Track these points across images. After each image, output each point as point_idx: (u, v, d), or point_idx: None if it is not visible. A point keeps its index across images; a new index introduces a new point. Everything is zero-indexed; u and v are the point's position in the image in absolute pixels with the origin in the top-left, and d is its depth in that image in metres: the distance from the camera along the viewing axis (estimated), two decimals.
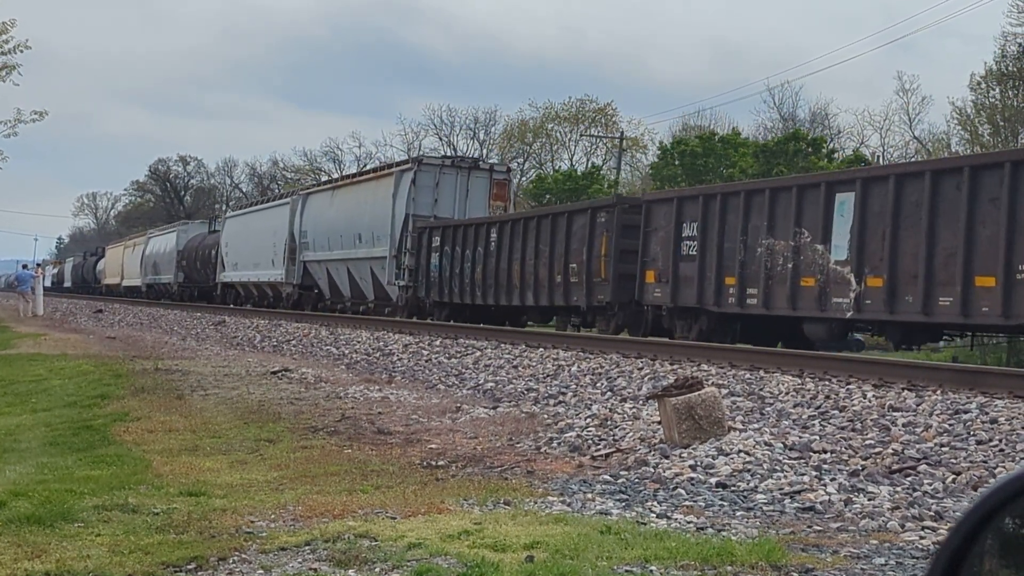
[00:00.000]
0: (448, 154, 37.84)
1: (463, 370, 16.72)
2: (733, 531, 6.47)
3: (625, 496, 7.53)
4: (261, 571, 5.69)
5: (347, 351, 21.62)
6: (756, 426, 9.73)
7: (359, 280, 34.91)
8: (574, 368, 15.36)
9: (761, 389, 12.08)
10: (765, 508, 7.15)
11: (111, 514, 6.94)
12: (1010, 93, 46.36)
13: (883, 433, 9.29)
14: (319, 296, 39.46)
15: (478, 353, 18.38)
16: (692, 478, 7.98)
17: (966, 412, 9.72)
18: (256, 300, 46.58)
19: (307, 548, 6.07)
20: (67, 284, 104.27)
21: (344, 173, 71.92)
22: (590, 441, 9.87)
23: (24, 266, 56.19)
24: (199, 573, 5.74)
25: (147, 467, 8.84)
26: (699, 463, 8.36)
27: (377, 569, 5.66)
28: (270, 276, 42.73)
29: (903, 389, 11.22)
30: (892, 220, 16.10)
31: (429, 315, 30.65)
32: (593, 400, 12.48)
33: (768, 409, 10.90)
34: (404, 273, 31.57)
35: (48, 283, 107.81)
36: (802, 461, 8.37)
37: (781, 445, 8.83)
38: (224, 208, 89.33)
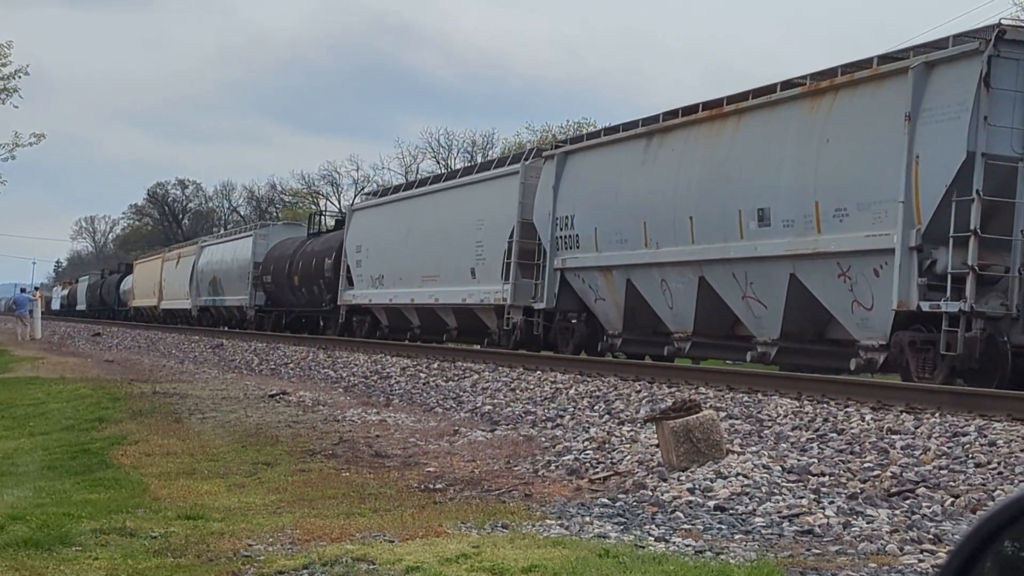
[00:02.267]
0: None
1: (461, 393, 16.70)
2: (731, 554, 6.46)
3: (623, 519, 7.51)
4: None
5: (345, 374, 21.60)
6: (754, 449, 9.72)
7: (749, 301, 18.00)
8: (572, 391, 15.34)
9: (759, 412, 12.07)
10: (763, 531, 7.13)
11: (109, 538, 6.92)
12: None
13: (881, 456, 9.28)
14: (589, 328, 22.78)
15: (476, 376, 18.37)
16: (690, 501, 7.97)
17: (965, 435, 9.71)
18: (419, 332, 30.76)
19: (305, 572, 6.06)
20: (81, 307, 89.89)
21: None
22: (588, 464, 9.86)
23: (22, 289, 56.19)
24: None
25: (145, 490, 8.83)
26: (697, 486, 8.35)
27: None
28: (468, 295, 26.17)
29: (901, 412, 11.21)
30: None
31: None
32: (591, 423, 12.47)
33: (766, 432, 10.88)
34: (968, 287, 13.99)
35: (57, 306, 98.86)
36: (800, 484, 8.36)
37: (779, 468, 8.82)
38: (220, 229, 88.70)
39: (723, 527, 7.25)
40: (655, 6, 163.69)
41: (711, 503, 7.88)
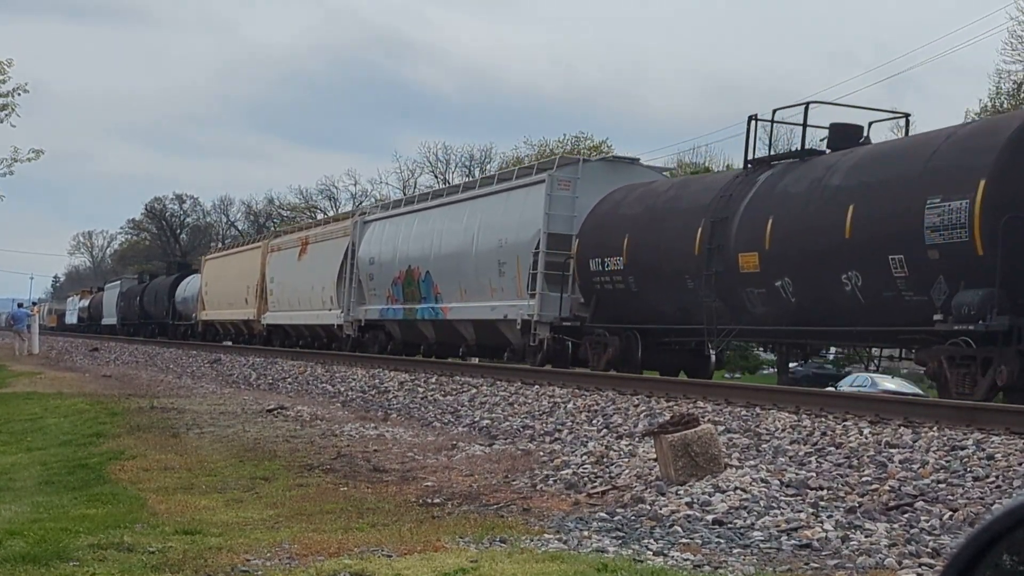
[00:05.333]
0: None
1: (459, 407, 16.69)
2: (730, 568, 6.45)
3: (621, 533, 7.50)
4: None
5: (342, 389, 21.58)
6: (752, 463, 9.71)
7: None
8: (570, 405, 15.34)
9: (757, 426, 12.07)
10: (762, 545, 7.13)
11: (107, 553, 6.91)
12: None
13: (880, 470, 9.28)
14: None
15: (474, 390, 18.36)
16: (688, 515, 7.96)
17: (963, 448, 9.71)
18: None
19: None
20: (109, 320, 70.86)
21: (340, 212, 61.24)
22: (586, 478, 9.85)
23: (20, 305, 56.19)
24: None
25: (142, 505, 8.82)
26: (695, 500, 8.35)
27: None
28: None
29: (899, 425, 11.21)
30: None
31: None
32: (589, 437, 12.46)
33: (764, 446, 10.88)
34: None
35: (73, 320, 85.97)
36: (799, 498, 8.36)
37: (778, 482, 8.81)
38: (218, 244, 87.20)
39: (721, 541, 7.24)
40: (652, 20, 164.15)
41: (709, 517, 7.88)
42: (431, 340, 28.99)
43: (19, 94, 33.41)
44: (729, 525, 7.68)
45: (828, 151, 18.38)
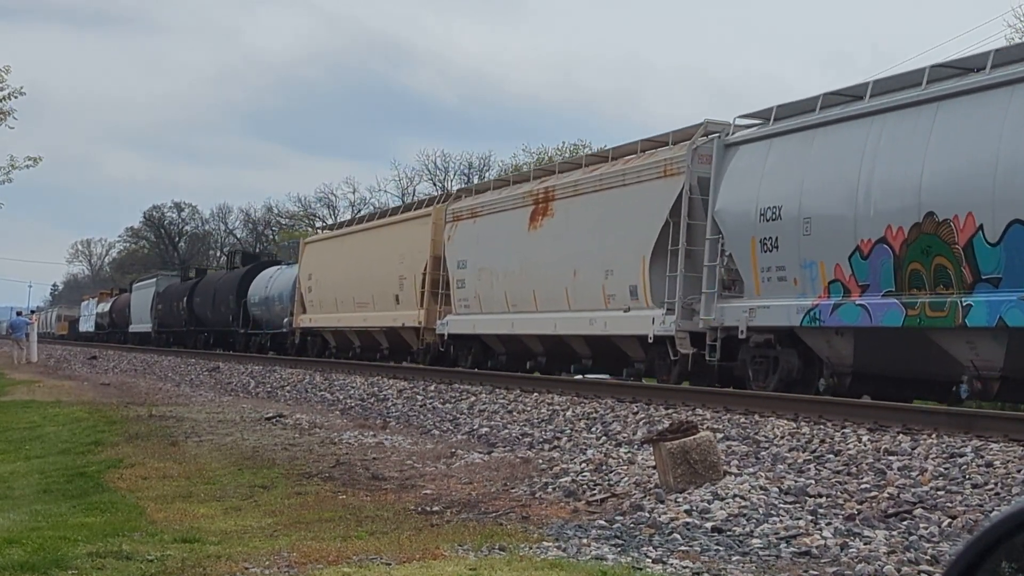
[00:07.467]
0: None
1: (458, 415, 16.68)
2: None
3: (620, 541, 7.50)
4: None
5: (341, 396, 21.58)
6: (751, 470, 9.71)
7: None
8: (569, 413, 15.33)
9: (756, 433, 12.07)
10: (761, 553, 7.12)
11: (105, 561, 6.91)
12: None
13: (878, 477, 9.28)
14: None
15: (473, 398, 18.36)
16: (687, 523, 7.95)
17: (961, 456, 9.72)
18: None
19: None
20: (141, 327, 58.75)
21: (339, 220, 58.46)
22: (585, 486, 9.85)
23: (19, 313, 56.17)
24: None
25: (141, 514, 8.81)
26: (694, 508, 8.34)
27: None
28: None
29: (898, 433, 11.21)
30: None
31: None
32: (588, 445, 12.45)
33: (763, 453, 10.88)
34: None
35: (90, 326, 75.44)
36: (798, 505, 8.35)
37: (776, 489, 8.81)
38: (217, 252, 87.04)
39: (720, 549, 7.24)
40: (651, 27, 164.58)
41: (708, 525, 7.87)
42: (1008, 371, 13.52)
43: (15, 97, 33.36)
44: (728, 532, 7.67)
45: None
